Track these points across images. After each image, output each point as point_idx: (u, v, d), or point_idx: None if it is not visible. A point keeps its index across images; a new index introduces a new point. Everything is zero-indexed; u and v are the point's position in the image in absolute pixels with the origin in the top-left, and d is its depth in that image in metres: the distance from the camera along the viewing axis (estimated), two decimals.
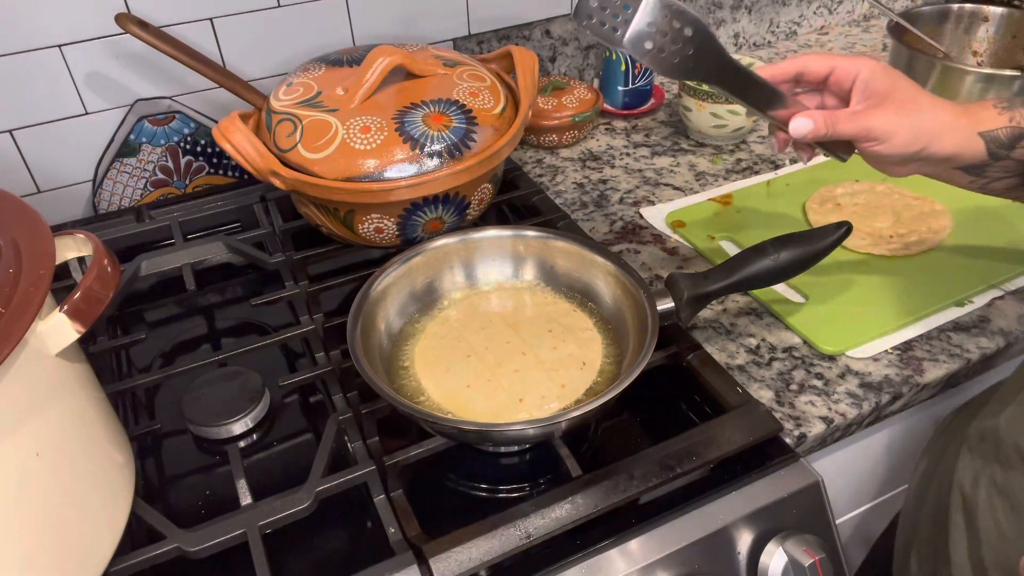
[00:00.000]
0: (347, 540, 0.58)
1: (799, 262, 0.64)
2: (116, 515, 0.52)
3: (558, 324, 0.68)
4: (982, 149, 0.56)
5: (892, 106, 0.56)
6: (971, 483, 0.60)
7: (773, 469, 0.58)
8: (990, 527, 0.58)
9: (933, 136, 0.56)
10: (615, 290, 0.67)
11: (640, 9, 0.50)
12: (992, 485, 0.58)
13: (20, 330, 0.42)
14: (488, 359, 0.64)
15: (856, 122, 0.56)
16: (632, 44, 0.51)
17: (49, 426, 0.46)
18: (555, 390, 0.61)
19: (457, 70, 0.79)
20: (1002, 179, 0.58)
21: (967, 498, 0.61)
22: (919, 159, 0.57)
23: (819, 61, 0.59)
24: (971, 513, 0.60)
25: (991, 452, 0.59)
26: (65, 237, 0.54)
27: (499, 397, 0.61)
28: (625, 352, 0.64)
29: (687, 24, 0.51)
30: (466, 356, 0.65)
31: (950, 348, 0.68)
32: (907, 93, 0.56)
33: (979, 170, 0.58)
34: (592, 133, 1.05)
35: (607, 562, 0.53)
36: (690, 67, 0.53)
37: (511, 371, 0.63)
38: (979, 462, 0.60)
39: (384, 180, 0.70)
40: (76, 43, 0.81)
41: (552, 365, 0.64)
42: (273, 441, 0.65)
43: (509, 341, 0.66)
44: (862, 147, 0.58)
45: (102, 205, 0.91)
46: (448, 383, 0.62)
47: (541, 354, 0.65)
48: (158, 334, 0.78)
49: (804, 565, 0.54)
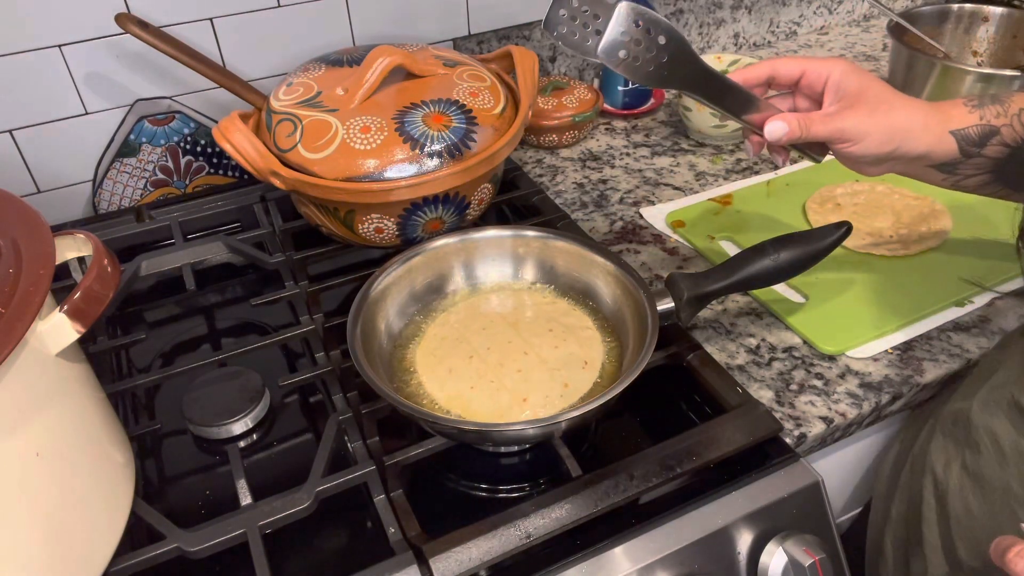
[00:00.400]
0: (347, 540, 0.58)
1: (799, 262, 0.64)
2: (116, 515, 0.52)
3: (558, 323, 0.68)
4: (954, 147, 0.57)
5: (864, 107, 0.56)
6: (943, 467, 0.61)
7: (773, 469, 0.58)
8: (960, 509, 0.59)
9: (906, 135, 0.57)
10: (615, 290, 0.67)
11: (613, 18, 0.50)
12: (963, 469, 0.59)
13: (20, 330, 0.42)
14: (490, 360, 0.64)
15: (829, 124, 0.57)
16: (606, 54, 0.50)
17: (49, 426, 0.46)
18: (558, 389, 0.62)
19: (457, 70, 0.79)
20: (974, 176, 0.59)
21: (939, 481, 0.61)
22: (893, 158, 0.58)
23: (789, 65, 0.59)
24: (942, 495, 0.61)
25: (963, 436, 0.60)
26: (65, 237, 0.54)
27: (503, 398, 0.61)
28: (625, 352, 0.64)
29: (660, 32, 0.51)
30: (468, 357, 0.65)
31: (950, 348, 0.68)
32: (878, 94, 0.57)
33: (951, 168, 0.59)
34: (592, 133, 1.05)
35: (607, 562, 0.53)
36: (665, 74, 0.53)
37: (514, 371, 0.63)
38: (952, 446, 0.61)
39: (384, 180, 0.70)
40: (76, 43, 0.81)
41: (554, 364, 0.64)
42: (273, 441, 0.65)
43: (511, 341, 0.66)
44: (836, 148, 0.59)
45: (102, 205, 0.91)
46: (451, 385, 0.62)
47: (543, 353, 0.65)
48: (158, 334, 0.78)
49: (804, 565, 0.54)
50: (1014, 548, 0.41)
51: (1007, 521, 0.55)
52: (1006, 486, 0.55)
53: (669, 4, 1.13)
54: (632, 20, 0.50)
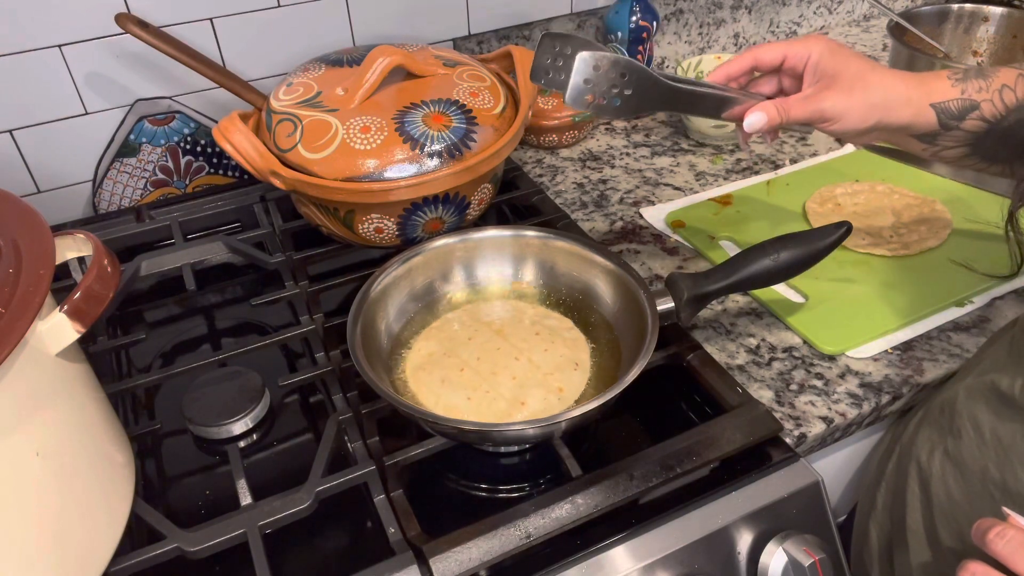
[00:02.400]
0: (347, 540, 0.58)
1: (799, 262, 0.64)
2: (116, 515, 0.52)
3: (542, 326, 0.68)
4: (933, 120, 0.58)
5: (842, 87, 0.58)
6: (927, 455, 0.62)
7: (773, 469, 0.58)
8: (942, 495, 0.60)
9: (885, 110, 0.58)
10: (615, 290, 0.67)
11: (573, 69, 0.53)
12: (945, 455, 0.60)
13: (20, 330, 0.42)
14: (482, 369, 0.64)
15: (808, 106, 0.58)
16: (573, 101, 0.54)
17: (49, 426, 0.46)
18: (554, 392, 0.62)
19: (457, 70, 0.79)
20: (952, 148, 0.60)
21: (922, 468, 0.62)
22: (876, 130, 0.60)
23: (771, 52, 0.61)
24: (925, 482, 0.62)
25: (947, 423, 0.61)
26: (65, 237, 0.54)
27: (499, 406, 0.61)
28: (625, 352, 0.64)
29: (620, 69, 0.54)
30: (460, 370, 0.64)
31: (950, 348, 0.68)
32: (856, 71, 0.58)
33: (931, 138, 0.60)
34: (592, 133, 1.05)
35: (607, 562, 0.53)
36: (634, 104, 0.56)
37: (508, 379, 0.63)
38: (936, 434, 0.62)
39: (384, 180, 0.70)
40: (76, 43, 0.81)
41: (547, 369, 0.64)
42: (273, 441, 0.65)
43: (499, 348, 0.66)
44: (818, 127, 0.60)
45: (102, 205, 0.91)
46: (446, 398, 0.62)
47: (534, 357, 0.65)
48: (158, 334, 0.78)
49: (804, 565, 0.54)
50: (994, 529, 0.42)
51: (986, 504, 0.56)
52: (983, 468, 0.56)
53: (669, 4, 1.13)
54: (591, 66, 0.53)
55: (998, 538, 0.42)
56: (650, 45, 1.04)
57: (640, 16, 1.01)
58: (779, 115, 0.59)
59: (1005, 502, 0.54)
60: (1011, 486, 0.54)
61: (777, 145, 1.00)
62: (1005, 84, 0.57)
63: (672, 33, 1.16)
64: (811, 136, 1.00)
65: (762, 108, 0.59)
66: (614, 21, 1.02)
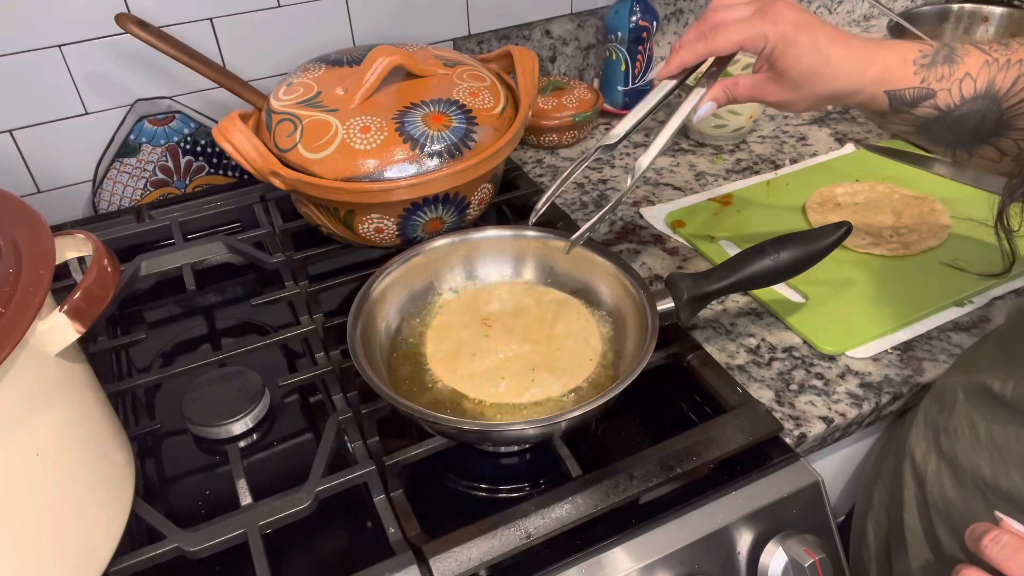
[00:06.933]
0: (347, 540, 0.58)
1: (799, 262, 0.64)
2: (116, 515, 0.52)
3: (558, 319, 0.68)
4: (885, 103, 0.58)
5: (787, 84, 0.58)
6: (922, 454, 0.62)
7: (773, 469, 0.58)
8: (937, 494, 0.60)
9: (834, 99, 0.59)
10: (615, 290, 0.67)
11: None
12: (939, 454, 0.60)
13: (20, 330, 0.42)
14: (495, 358, 0.64)
15: (755, 92, 0.60)
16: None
17: (49, 426, 0.46)
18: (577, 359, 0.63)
19: (457, 70, 0.79)
20: (898, 126, 0.61)
21: (917, 466, 0.62)
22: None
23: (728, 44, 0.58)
24: (921, 480, 0.62)
25: (943, 422, 0.61)
26: (65, 237, 0.54)
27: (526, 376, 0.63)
28: (625, 352, 0.64)
29: None
30: (472, 355, 0.65)
31: (950, 348, 0.68)
32: (806, 69, 0.56)
33: (879, 116, 0.61)
34: (592, 133, 1.05)
35: (607, 562, 0.53)
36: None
37: (521, 367, 0.63)
38: (930, 432, 0.62)
39: (384, 180, 0.70)
40: (76, 43, 0.81)
41: (560, 360, 0.64)
42: (273, 441, 0.65)
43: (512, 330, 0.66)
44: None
45: (102, 205, 0.91)
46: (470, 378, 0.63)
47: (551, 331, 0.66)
48: (158, 334, 0.78)
49: (804, 565, 0.54)
50: (989, 534, 0.42)
51: (980, 506, 0.56)
52: (975, 467, 0.56)
53: (669, 4, 1.13)
54: None
55: (993, 543, 0.42)
56: (650, 45, 1.04)
57: (640, 16, 1.01)
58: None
59: (996, 502, 0.54)
60: (1003, 486, 0.54)
61: (777, 145, 1.00)
62: (968, 73, 0.56)
63: (672, 33, 1.16)
64: (811, 136, 1.00)
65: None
66: (614, 21, 1.02)
